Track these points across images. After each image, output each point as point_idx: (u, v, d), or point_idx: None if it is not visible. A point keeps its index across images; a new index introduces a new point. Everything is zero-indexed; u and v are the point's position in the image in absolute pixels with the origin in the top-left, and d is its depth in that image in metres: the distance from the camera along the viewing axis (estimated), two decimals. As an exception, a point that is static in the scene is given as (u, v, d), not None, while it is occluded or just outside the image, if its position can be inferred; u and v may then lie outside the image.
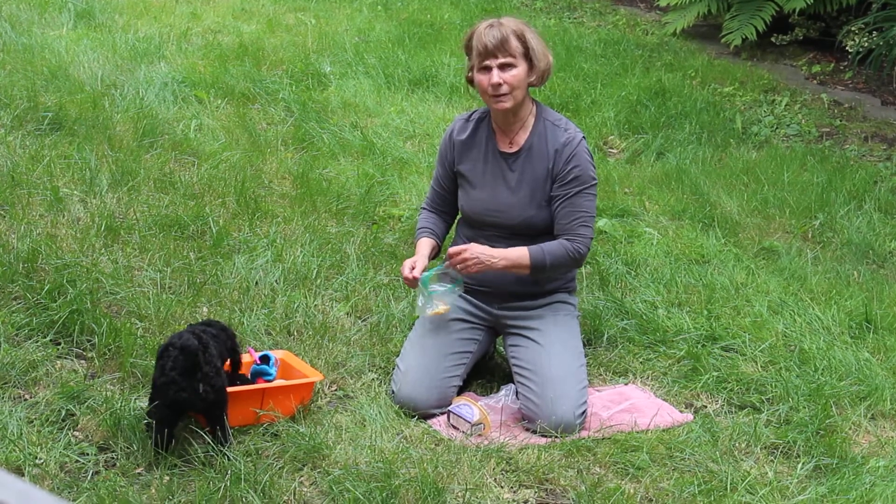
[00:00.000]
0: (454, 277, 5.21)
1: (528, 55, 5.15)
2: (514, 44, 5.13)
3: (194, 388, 4.42)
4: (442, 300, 5.24)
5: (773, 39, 12.42)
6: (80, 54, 9.48)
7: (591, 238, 5.25)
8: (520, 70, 5.14)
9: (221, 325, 4.95)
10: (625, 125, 9.52)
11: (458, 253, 5.12)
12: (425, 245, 5.42)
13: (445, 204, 5.53)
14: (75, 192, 6.73)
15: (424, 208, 5.61)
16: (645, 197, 7.99)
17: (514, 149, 5.26)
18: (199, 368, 4.43)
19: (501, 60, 5.12)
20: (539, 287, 5.32)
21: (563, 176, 5.15)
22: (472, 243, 5.20)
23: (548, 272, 5.23)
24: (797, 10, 11.85)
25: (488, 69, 5.16)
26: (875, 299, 6.53)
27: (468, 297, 5.40)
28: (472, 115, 5.46)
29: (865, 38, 11.18)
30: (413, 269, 5.21)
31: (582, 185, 5.16)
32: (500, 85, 5.13)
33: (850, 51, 11.44)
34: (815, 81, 11.64)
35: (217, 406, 4.51)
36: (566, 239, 5.17)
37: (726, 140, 9.47)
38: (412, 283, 5.23)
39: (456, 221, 5.63)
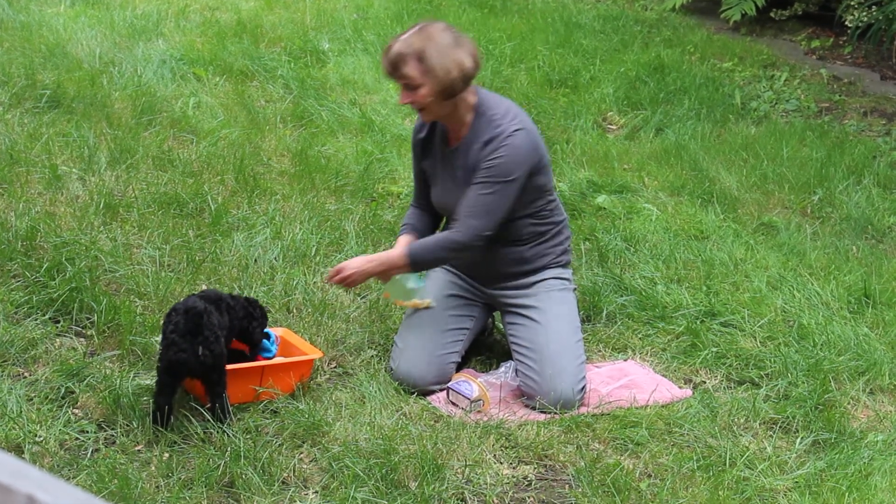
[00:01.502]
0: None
1: (428, 74, 4.94)
2: (410, 67, 4.93)
3: (194, 350, 4.45)
4: (417, 291, 5.29)
5: (772, 14, 12.39)
6: (77, 32, 9.46)
7: (480, 232, 5.05)
8: (424, 89, 4.96)
9: (243, 300, 4.98)
10: (624, 101, 9.51)
11: (337, 273, 5.13)
12: (403, 241, 5.37)
13: (425, 198, 5.48)
14: (74, 169, 6.72)
15: (411, 205, 5.58)
16: (644, 173, 7.98)
17: (455, 145, 5.21)
18: (200, 332, 4.46)
19: (403, 83, 5.02)
20: (529, 265, 5.31)
21: (480, 166, 5.06)
22: (348, 261, 5.19)
23: (431, 265, 5.24)
24: (797, -15, 11.84)
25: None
26: (874, 274, 6.53)
27: (462, 276, 5.41)
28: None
29: (865, 13, 11.15)
30: None
31: (489, 177, 5.02)
32: (407, 104, 5.10)
33: (849, 25, 11.40)
34: (814, 56, 11.62)
35: (214, 371, 4.53)
36: (449, 229, 5.14)
37: (725, 115, 9.45)
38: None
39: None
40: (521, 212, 5.17)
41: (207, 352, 4.48)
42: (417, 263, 5.14)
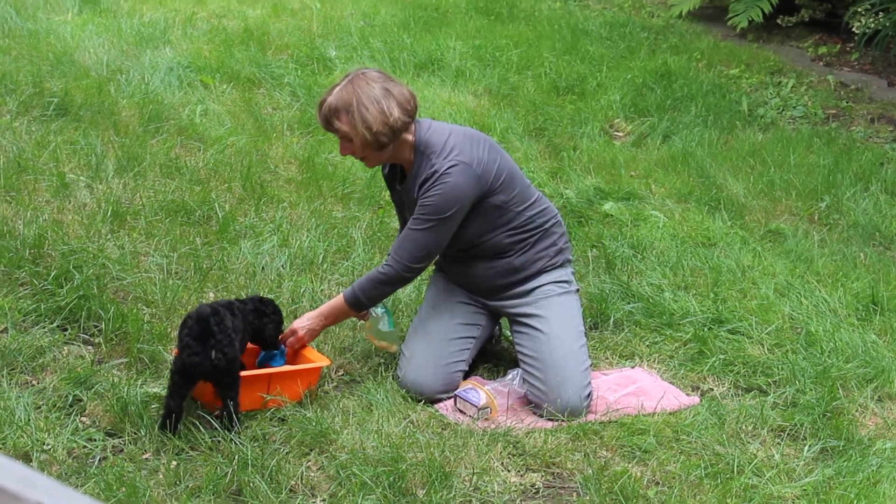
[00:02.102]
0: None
1: (356, 128, 4.94)
2: (342, 121, 4.95)
3: (207, 353, 4.48)
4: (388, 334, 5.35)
5: (778, 21, 12.40)
6: (85, 40, 9.48)
7: (408, 264, 5.08)
8: (357, 142, 4.98)
9: (256, 299, 5.03)
10: (630, 108, 9.51)
11: (289, 335, 5.16)
12: None
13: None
14: (81, 177, 6.74)
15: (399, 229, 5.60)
16: (651, 180, 7.98)
17: (404, 183, 5.23)
18: (213, 335, 4.48)
19: (336, 135, 5.07)
20: (522, 273, 5.30)
21: (418, 202, 5.08)
22: (298, 320, 5.21)
23: (371, 303, 5.23)
24: (804, -8, 11.84)
25: None
26: (882, 281, 6.52)
27: (464, 289, 5.42)
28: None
29: (872, 20, 11.15)
30: None
31: (422, 214, 5.03)
32: (347, 155, 5.17)
33: (856, 32, 11.41)
34: (821, 63, 11.62)
35: (227, 375, 4.55)
36: (385, 262, 5.17)
37: (732, 122, 9.45)
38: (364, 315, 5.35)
39: None
40: (491, 229, 5.18)
41: (221, 355, 4.50)
42: (357, 304, 5.17)
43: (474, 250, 5.20)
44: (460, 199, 5.00)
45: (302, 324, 5.17)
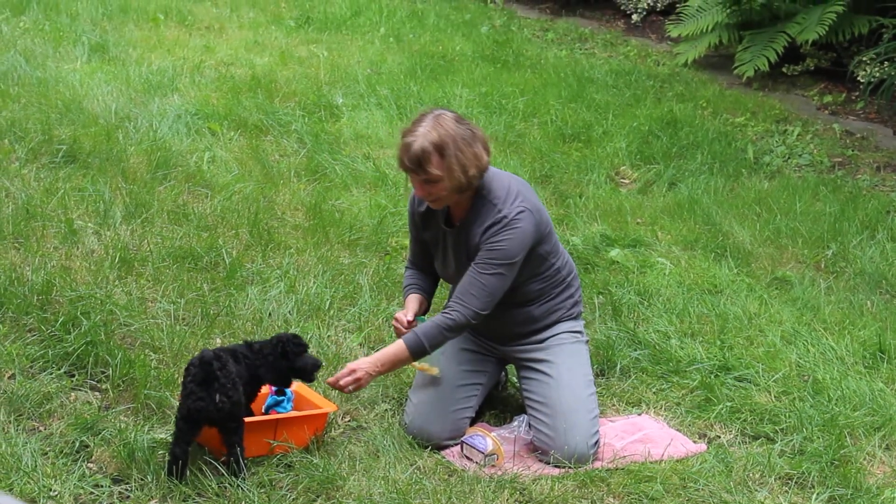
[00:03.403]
0: None
1: (449, 170, 4.93)
2: (433, 164, 4.91)
3: (211, 398, 4.47)
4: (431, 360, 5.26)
5: (784, 70, 12.43)
6: (94, 87, 9.53)
7: (478, 310, 5.06)
8: (443, 184, 4.95)
9: (261, 347, 4.97)
10: (636, 155, 9.53)
11: (346, 375, 5.04)
12: (413, 300, 5.40)
13: (424, 262, 5.50)
14: (89, 224, 6.76)
15: (408, 266, 5.58)
16: (657, 227, 7.99)
17: (456, 223, 5.22)
18: (217, 379, 4.49)
19: (422, 177, 4.98)
20: (540, 322, 5.31)
21: (482, 248, 5.06)
22: (358, 362, 5.10)
23: (433, 350, 5.16)
24: (809, 41, 11.87)
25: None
26: (889, 329, 6.51)
27: (475, 335, 5.41)
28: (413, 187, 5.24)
29: (877, 69, 11.19)
30: (405, 316, 5.25)
31: (492, 259, 5.03)
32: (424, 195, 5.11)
33: (861, 81, 11.44)
34: (826, 111, 11.64)
35: (232, 419, 4.55)
36: (445, 311, 5.12)
37: (738, 170, 9.47)
38: (406, 329, 5.23)
39: None
40: (529, 277, 5.20)
41: (225, 398, 4.50)
42: (420, 351, 5.11)
43: (505, 297, 5.17)
44: (526, 245, 5.06)
45: (361, 366, 5.07)
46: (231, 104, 9.60)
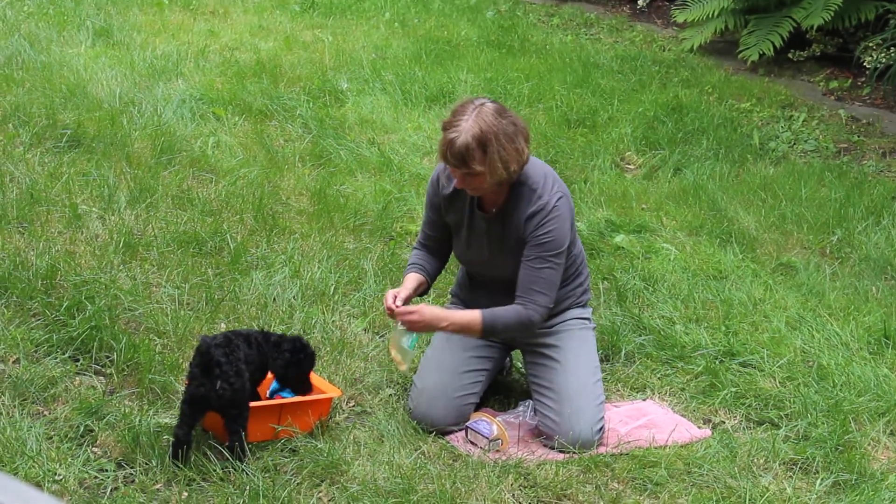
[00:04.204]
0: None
1: (491, 165, 4.88)
2: (477, 160, 4.86)
3: (212, 384, 4.49)
4: (406, 349, 5.22)
5: (790, 55, 12.41)
6: (98, 72, 9.52)
7: (547, 306, 5.10)
8: (485, 177, 4.92)
9: (279, 342, 4.97)
10: (642, 141, 9.51)
11: (408, 313, 5.05)
12: (412, 279, 5.34)
13: (437, 244, 5.47)
14: (94, 208, 6.76)
15: (416, 247, 5.54)
16: (662, 213, 7.98)
17: (491, 210, 5.19)
18: (219, 366, 4.49)
19: (463, 171, 4.94)
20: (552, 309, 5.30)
21: (530, 240, 5.05)
22: (422, 306, 5.15)
23: (498, 335, 5.22)
24: (815, 27, 11.84)
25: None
26: (894, 315, 6.50)
27: None
28: (452, 176, 5.18)
29: (883, 54, 11.17)
30: (395, 298, 5.17)
31: (545, 252, 5.04)
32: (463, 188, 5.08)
33: (867, 66, 11.43)
34: (832, 97, 11.62)
35: (234, 406, 4.55)
36: (521, 304, 5.09)
37: (743, 156, 9.45)
38: (391, 313, 5.17)
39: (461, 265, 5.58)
40: None
41: (226, 385, 4.50)
42: (490, 331, 5.12)
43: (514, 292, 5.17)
44: (568, 230, 5.11)
45: (428, 315, 5.07)
46: (235, 89, 9.59)
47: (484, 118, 4.88)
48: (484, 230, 5.21)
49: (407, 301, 5.20)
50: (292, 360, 4.98)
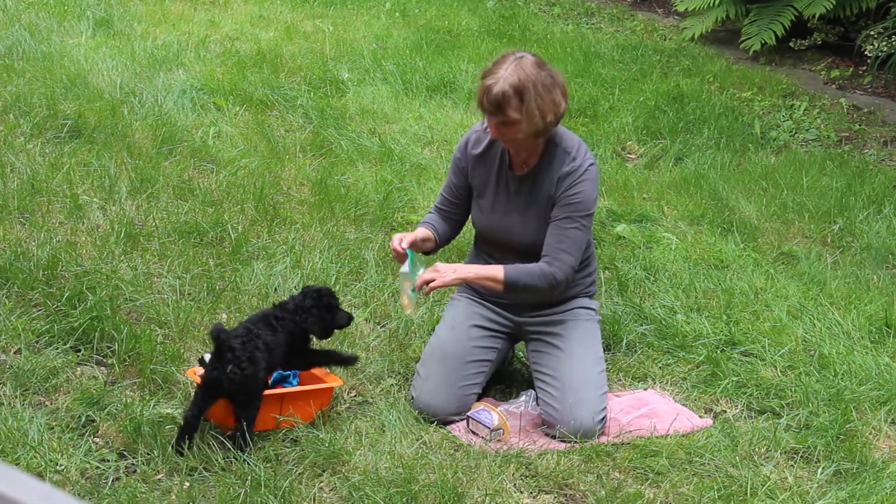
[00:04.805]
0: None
1: (528, 115, 4.91)
2: (513, 108, 4.89)
3: (223, 368, 4.51)
4: (410, 294, 5.20)
5: (791, 44, 12.40)
6: (98, 62, 9.51)
7: (572, 267, 5.12)
8: (521, 127, 4.94)
9: (297, 304, 4.97)
10: (643, 130, 9.51)
11: (429, 280, 5.03)
12: (422, 232, 5.34)
13: (453, 209, 5.47)
14: (95, 199, 6.75)
15: (431, 211, 5.55)
16: (664, 202, 7.97)
17: (523, 171, 5.20)
18: (232, 350, 4.52)
19: (499, 119, 4.96)
20: (559, 295, 5.30)
21: (560, 200, 5.09)
22: (438, 264, 5.15)
23: (520, 292, 5.19)
24: (816, 16, 11.83)
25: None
26: (895, 304, 6.50)
27: (490, 305, 5.40)
28: (488, 127, 5.20)
29: (885, 43, 11.15)
30: (402, 240, 5.18)
31: (574, 213, 5.08)
32: (498, 138, 5.11)
33: (869, 55, 11.41)
34: (833, 86, 11.61)
35: (243, 392, 4.56)
36: (546, 262, 5.11)
37: (745, 145, 9.45)
38: (398, 255, 5.18)
39: (473, 238, 5.57)
40: None
41: (237, 370, 4.51)
42: (512, 287, 5.12)
43: (528, 260, 5.16)
44: (596, 198, 5.18)
45: (441, 266, 5.09)
46: (236, 79, 9.58)
47: (523, 67, 4.95)
48: (514, 190, 5.22)
49: (413, 245, 5.21)
50: (319, 307, 4.98)
